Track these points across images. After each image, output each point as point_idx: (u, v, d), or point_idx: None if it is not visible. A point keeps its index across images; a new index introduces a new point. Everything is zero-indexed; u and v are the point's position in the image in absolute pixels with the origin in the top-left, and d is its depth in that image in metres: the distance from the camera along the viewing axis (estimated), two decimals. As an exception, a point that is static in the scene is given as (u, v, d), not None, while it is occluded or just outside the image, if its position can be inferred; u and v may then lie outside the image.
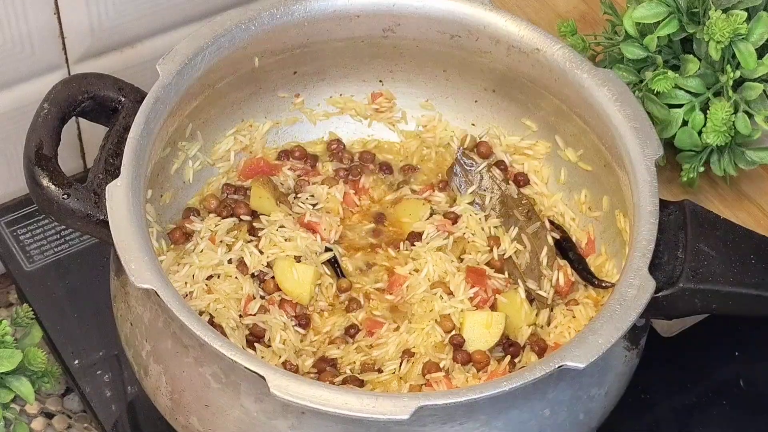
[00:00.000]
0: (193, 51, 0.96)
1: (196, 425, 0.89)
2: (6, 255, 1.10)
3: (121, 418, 1.03)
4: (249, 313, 0.96)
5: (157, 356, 0.90)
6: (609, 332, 0.84)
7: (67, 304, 1.08)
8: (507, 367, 0.94)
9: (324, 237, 1.00)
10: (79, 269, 1.10)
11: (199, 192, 1.04)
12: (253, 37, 0.98)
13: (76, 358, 1.05)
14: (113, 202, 0.88)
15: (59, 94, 0.94)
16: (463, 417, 0.84)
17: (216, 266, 0.98)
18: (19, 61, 1.06)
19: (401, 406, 0.80)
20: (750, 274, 0.92)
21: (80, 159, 1.17)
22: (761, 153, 1.12)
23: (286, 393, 0.80)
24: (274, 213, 1.01)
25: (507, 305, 0.97)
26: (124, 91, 0.96)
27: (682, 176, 1.14)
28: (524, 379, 0.82)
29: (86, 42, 1.08)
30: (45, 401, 1.08)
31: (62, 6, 1.04)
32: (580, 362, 0.82)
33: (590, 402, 0.90)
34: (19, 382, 0.97)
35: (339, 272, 1.00)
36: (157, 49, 1.11)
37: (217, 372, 0.86)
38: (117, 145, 0.93)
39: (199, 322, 0.83)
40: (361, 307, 0.99)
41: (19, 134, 1.05)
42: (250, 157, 1.06)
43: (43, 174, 0.91)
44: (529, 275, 1.01)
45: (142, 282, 0.84)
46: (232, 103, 1.04)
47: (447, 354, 0.94)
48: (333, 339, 0.97)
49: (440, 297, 0.97)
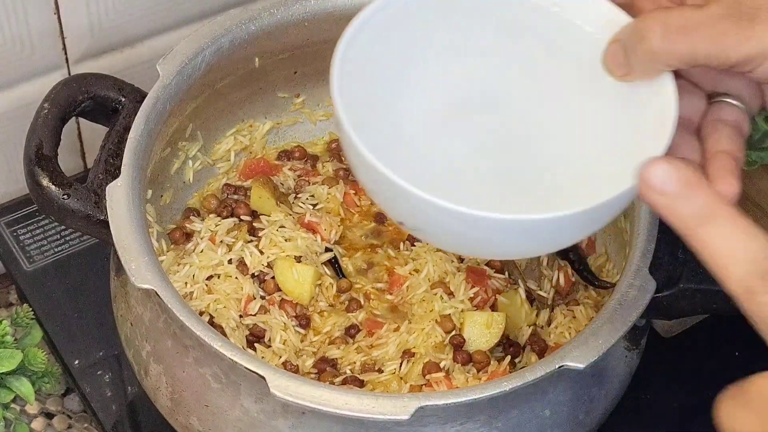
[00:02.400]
0: (193, 51, 0.96)
1: (196, 425, 0.89)
2: (6, 255, 1.10)
3: (121, 418, 1.03)
4: (249, 313, 0.96)
5: (158, 356, 0.90)
6: (609, 332, 0.84)
7: (67, 304, 1.08)
8: (507, 368, 0.94)
9: (324, 237, 1.00)
10: (79, 269, 1.10)
11: (199, 192, 1.04)
12: (253, 37, 0.98)
13: (77, 359, 1.05)
14: (113, 203, 0.88)
15: (59, 94, 0.94)
16: (464, 417, 0.84)
17: (216, 266, 0.98)
18: (19, 61, 1.06)
19: (401, 407, 0.80)
20: (750, 275, 0.92)
21: (80, 159, 1.17)
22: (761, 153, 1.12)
23: (286, 393, 0.80)
24: (274, 213, 1.01)
25: (507, 305, 0.97)
26: (124, 91, 0.96)
27: (683, 176, 1.14)
28: (524, 379, 0.82)
29: (86, 42, 1.08)
30: (45, 401, 1.08)
31: (62, 6, 1.04)
32: (580, 362, 0.82)
33: (590, 402, 0.90)
34: (19, 382, 0.97)
35: (339, 272, 1.00)
36: (157, 49, 1.11)
37: (217, 372, 0.86)
38: (117, 145, 0.93)
39: (200, 322, 0.83)
40: (362, 307, 0.99)
41: (19, 134, 1.05)
42: (250, 157, 1.06)
43: (43, 174, 0.91)
44: (529, 275, 1.01)
45: (142, 282, 0.84)
46: (232, 103, 1.04)
47: (447, 354, 0.94)
48: (333, 339, 0.97)
49: (440, 297, 0.97)
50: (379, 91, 0.78)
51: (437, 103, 0.79)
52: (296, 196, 1.03)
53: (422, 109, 0.78)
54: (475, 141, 0.78)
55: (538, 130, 0.78)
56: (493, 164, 0.77)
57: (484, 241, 0.74)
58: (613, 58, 0.77)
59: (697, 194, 0.67)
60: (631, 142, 0.76)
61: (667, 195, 0.67)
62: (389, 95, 0.78)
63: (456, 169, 0.76)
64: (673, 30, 0.73)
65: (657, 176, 0.67)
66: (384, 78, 0.78)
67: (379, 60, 0.79)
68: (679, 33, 0.73)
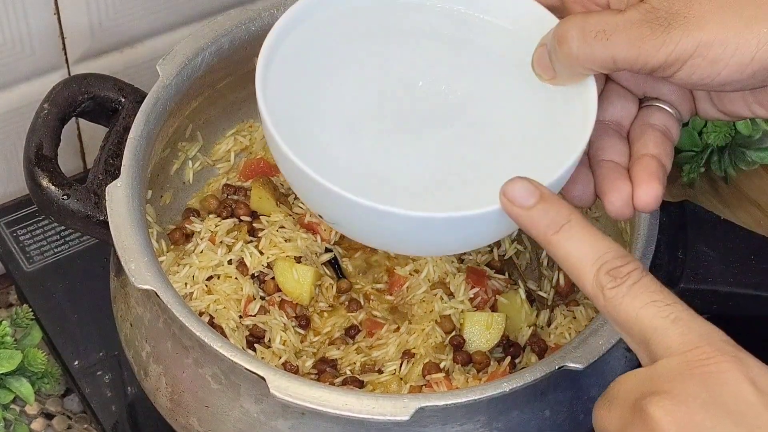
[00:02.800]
0: (193, 51, 0.96)
1: (196, 426, 0.89)
2: (6, 255, 1.10)
3: (121, 419, 1.03)
4: (249, 313, 0.96)
5: (157, 357, 0.90)
6: (609, 333, 0.84)
7: (67, 304, 1.08)
8: (507, 368, 0.94)
9: (324, 237, 1.00)
10: (79, 269, 1.10)
11: (199, 192, 1.04)
12: (253, 37, 0.98)
13: (76, 359, 1.05)
14: (113, 203, 0.88)
15: (59, 95, 0.94)
16: (464, 418, 0.84)
17: (216, 267, 0.97)
18: (19, 61, 1.06)
19: (401, 407, 0.80)
20: (750, 275, 0.92)
21: (80, 159, 1.17)
22: (761, 153, 1.13)
23: (286, 394, 0.80)
24: (274, 213, 1.01)
25: (507, 306, 0.97)
26: (124, 92, 0.96)
27: (683, 176, 1.15)
28: (524, 379, 0.82)
29: (86, 42, 1.08)
30: (45, 402, 1.08)
31: (62, 6, 1.04)
32: (581, 363, 0.82)
33: (590, 403, 0.89)
34: (19, 382, 0.97)
35: (339, 273, 1.00)
36: (157, 49, 1.11)
37: (217, 373, 0.86)
38: (117, 145, 0.93)
39: (199, 322, 0.83)
40: (361, 307, 0.99)
41: (19, 134, 1.05)
42: (250, 157, 1.06)
43: (43, 174, 0.91)
44: (529, 276, 1.01)
45: (142, 283, 0.84)
46: (232, 103, 1.04)
47: (447, 355, 0.94)
48: (333, 340, 0.97)
49: (440, 298, 0.97)
50: (303, 90, 0.82)
51: (361, 101, 0.82)
52: (296, 196, 1.03)
53: (345, 108, 0.82)
54: (400, 140, 0.81)
55: (465, 125, 0.82)
56: (418, 162, 0.80)
57: (388, 234, 0.78)
58: (539, 62, 0.80)
59: (549, 207, 0.72)
60: (553, 143, 0.79)
61: (525, 208, 0.73)
62: (313, 93, 0.82)
63: (379, 166, 0.80)
64: (591, 35, 0.74)
65: (516, 192, 0.73)
66: (307, 77, 0.82)
67: (303, 61, 0.82)
68: (598, 38, 0.74)
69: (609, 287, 0.69)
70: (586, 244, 0.71)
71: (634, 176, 0.78)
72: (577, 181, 0.80)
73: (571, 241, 0.71)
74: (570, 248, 0.71)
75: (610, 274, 0.69)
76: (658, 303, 0.68)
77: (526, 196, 0.73)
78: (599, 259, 0.70)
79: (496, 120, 0.82)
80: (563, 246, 0.71)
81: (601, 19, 0.74)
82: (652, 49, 0.73)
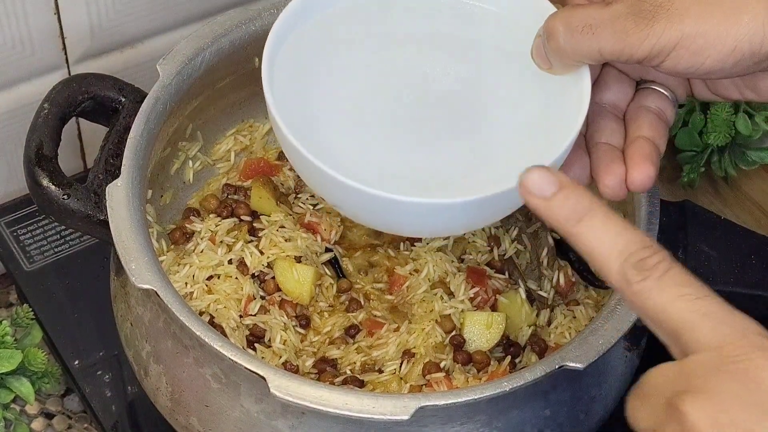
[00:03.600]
0: (193, 51, 0.96)
1: (196, 425, 0.89)
2: (6, 255, 1.10)
3: (121, 419, 1.03)
4: (249, 313, 0.96)
5: (158, 356, 0.90)
6: (609, 333, 0.84)
7: (67, 304, 1.08)
8: (507, 368, 0.94)
9: (324, 237, 1.00)
10: (79, 269, 1.10)
11: (199, 192, 1.04)
12: (253, 37, 0.98)
13: (76, 359, 1.05)
14: (113, 203, 0.88)
15: (59, 94, 0.94)
16: (464, 417, 0.84)
17: (216, 266, 0.97)
18: (19, 61, 1.06)
19: (401, 407, 0.80)
20: (750, 274, 0.92)
21: (80, 159, 1.17)
22: (761, 153, 1.13)
23: (286, 393, 0.80)
24: (274, 213, 1.01)
25: (507, 305, 0.97)
26: (125, 92, 0.96)
27: (683, 176, 1.15)
28: (525, 379, 0.82)
29: (86, 42, 1.08)
30: (45, 402, 1.08)
31: (62, 6, 1.04)
32: (581, 363, 0.82)
33: (590, 402, 0.90)
34: (19, 382, 0.97)
35: (339, 272, 1.00)
36: (157, 49, 1.11)
37: (217, 372, 0.86)
38: (117, 145, 0.93)
39: (200, 322, 0.83)
40: (362, 307, 0.99)
41: (19, 134, 1.05)
42: (250, 157, 1.06)
43: (43, 174, 0.91)
44: (529, 275, 1.01)
45: (142, 282, 0.84)
46: (232, 103, 1.04)
47: (447, 354, 0.94)
48: (333, 339, 0.97)
49: (440, 297, 0.97)
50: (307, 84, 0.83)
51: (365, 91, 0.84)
52: (296, 196, 1.03)
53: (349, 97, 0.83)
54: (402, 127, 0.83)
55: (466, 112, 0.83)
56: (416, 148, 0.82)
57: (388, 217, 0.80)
58: (537, 53, 0.81)
59: (569, 196, 0.70)
60: (550, 128, 0.81)
61: (544, 198, 0.70)
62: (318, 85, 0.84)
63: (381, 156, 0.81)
64: (578, 29, 0.76)
65: (534, 181, 0.71)
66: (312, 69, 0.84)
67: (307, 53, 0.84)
68: (584, 32, 0.76)
69: (636, 281, 0.67)
70: (610, 234, 0.68)
71: (628, 158, 0.79)
72: (575, 163, 0.81)
73: (593, 232, 0.69)
74: (593, 240, 0.69)
75: (636, 267, 0.67)
76: (687, 297, 0.66)
77: (546, 186, 0.71)
78: (624, 251, 0.68)
79: (495, 107, 0.83)
80: (586, 237, 0.69)
81: (588, 13, 0.76)
82: (637, 42, 0.75)
